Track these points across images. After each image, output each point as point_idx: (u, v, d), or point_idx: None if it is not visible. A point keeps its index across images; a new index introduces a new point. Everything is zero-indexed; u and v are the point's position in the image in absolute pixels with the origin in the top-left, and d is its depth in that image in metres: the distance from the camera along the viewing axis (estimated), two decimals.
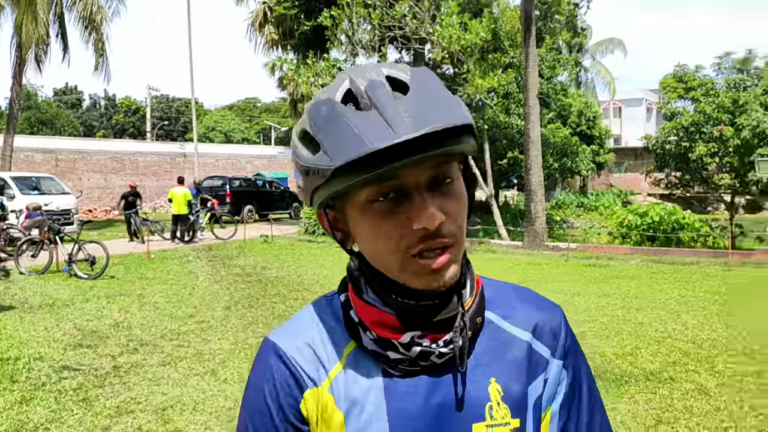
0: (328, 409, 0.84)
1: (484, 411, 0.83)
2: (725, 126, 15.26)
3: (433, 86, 0.76)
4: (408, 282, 0.80)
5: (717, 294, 9.24)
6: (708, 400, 4.80)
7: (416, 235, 0.76)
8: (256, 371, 0.89)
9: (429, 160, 0.74)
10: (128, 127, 61.20)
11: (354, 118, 0.72)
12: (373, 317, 0.84)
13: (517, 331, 0.89)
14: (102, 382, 5.30)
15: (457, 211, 0.79)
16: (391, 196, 0.76)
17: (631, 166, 39.79)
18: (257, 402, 0.87)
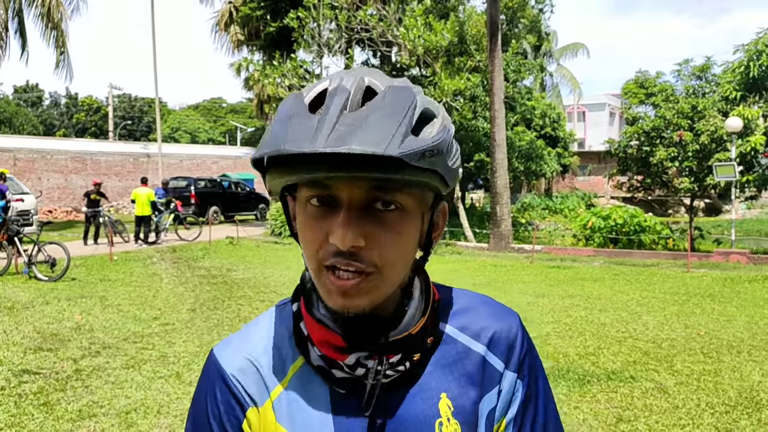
0: (271, 428, 0.83)
1: (433, 427, 0.82)
2: (684, 131, 15.65)
3: (393, 106, 0.71)
4: (323, 297, 0.78)
5: (676, 295, 9.47)
6: (667, 398, 4.93)
7: (331, 248, 0.74)
8: (199, 388, 0.88)
9: (363, 180, 0.72)
10: (90, 127, 60.00)
11: (297, 119, 0.71)
12: (320, 336, 0.82)
13: (472, 344, 0.88)
14: (63, 385, 5.19)
15: (388, 242, 0.75)
16: (327, 203, 0.75)
17: (595, 169, 40.50)
18: (200, 419, 0.86)
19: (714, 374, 5.52)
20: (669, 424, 4.39)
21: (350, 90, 0.72)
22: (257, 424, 0.84)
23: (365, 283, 0.75)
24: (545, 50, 34.64)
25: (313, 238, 0.76)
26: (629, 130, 17.26)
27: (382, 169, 0.68)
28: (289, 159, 0.69)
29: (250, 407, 0.84)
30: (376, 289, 0.76)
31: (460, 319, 0.90)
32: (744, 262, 12.92)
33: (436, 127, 0.74)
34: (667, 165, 16.09)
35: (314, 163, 0.68)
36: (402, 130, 0.69)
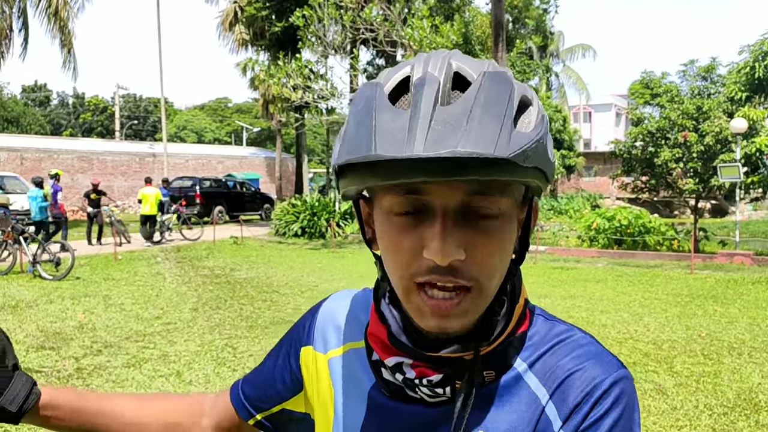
0: (326, 379, 0.86)
1: None
2: (689, 132, 15.59)
3: (494, 99, 0.62)
4: (414, 317, 0.69)
5: (679, 296, 9.45)
6: (665, 399, 4.93)
7: (425, 264, 0.65)
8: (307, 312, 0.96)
9: (460, 184, 0.64)
10: (96, 126, 60.28)
11: (383, 116, 0.62)
12: (372, 327, 0.78)
13: (536, 388, 0.72)
14: (64, 384, 5.23)
15: (489, 252, 0.66)
16: (416, 212, 0.66)
17: (601, 170, 40.35)
18: (284, 335, 0.96)
19: (713, 376, 5.52)
20: (666, 425, 4.39)
21: (440, 79, 0.63)
22: (309, 362, 0.88)
23: (464, 302, 0.66)
24: (551, 50, 34.61)
25: (404, 251, 0.67)
26: (634, 130, 17.20)
27: (487, 171, 0.60)
28: (377, 164, 0.60)
29: (308, 344, 0.89)
30: (475, 307, 0.68)
31: (535, 354, 0.75)
32: (748, 264, 12.87)
33: (534, 116, 0.66)
34: (671, 166, 16.01)
35: (410, 168, 0.59)
36: (508, 126, 0.61)
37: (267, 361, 0.95)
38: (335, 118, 24.63)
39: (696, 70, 16.84)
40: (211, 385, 5.25)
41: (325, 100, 17.87)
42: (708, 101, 15.78)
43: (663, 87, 17.05)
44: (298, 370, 0.89)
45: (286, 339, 0.94)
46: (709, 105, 15.55)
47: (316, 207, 20.09)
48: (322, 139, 52.37)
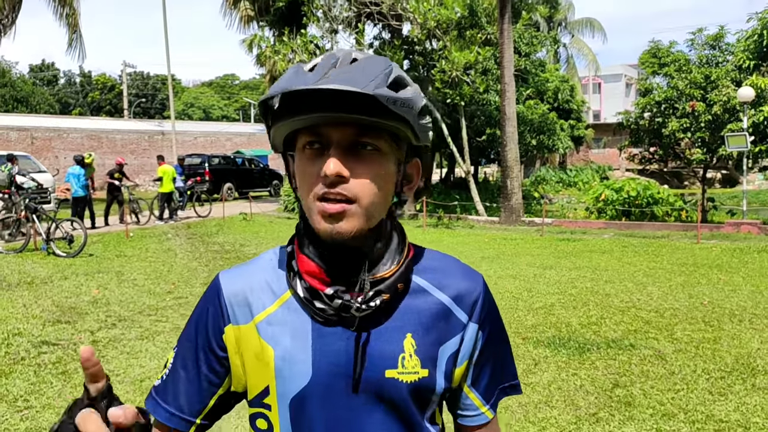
0: (256, 344, 0.98)
1: (396, 360, 0.97)
2: (697, 102, 15.49)
3: (372, 66, 0.89)
4: (314, 223, 0.92)
5: (684, 266, 9.53)
6: (664, 365, 5.05)
7: (321, 182, 0.89)
8: (200, 301, 1.06)
9: (350, 125, 0.89)
10: (104, 105, 60.36)
11: (295, 74, 0.89)
12: (307, 267, 0.97)
13: (439, 295, 1.02)
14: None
15: (370, 177, 0.91)
16: (316, 147, 0.91)
17: (610, 141, 40.08)
18: (190, 321, 1.05)
19: (713, 342, 5.62)
20: (663, 389, 4.51)
21: (339, 56, 0.91)
22: (233, 339, 1.00)
23: (348, 211, 0.90)
24: (559, 20, 34.19)
25: (308, 174, 0.92)
26: (642, 101, 17.11)
27: (363, 111, 0.85)
28: (291, 103, 0.87)
29: (229, 323, 1.01)
30: (358, 217, 0.91)
31: (430, 274, 1.04)
32: (755, 233, 12.89)
33: (409, 91, 0.90)
34: (679, 136, 15.96)
35: (309, 105, 0.85)
36: (378, 81, 0.86)
37: (180, 371, 1.02)
38: None
39: (704, 39, 16.67)
40: None
41: None
42: (716, 70, 15.67)
43: (671, 56, 16.92)
44: (225, 354, 1.01)
45: (195, 342, 1.02)
46: (717, 74, 15.44)
47: None
48: None
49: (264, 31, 22.61)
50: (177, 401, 1.01)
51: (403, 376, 0.97)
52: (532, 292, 7.75)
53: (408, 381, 0.97)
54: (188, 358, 1.02)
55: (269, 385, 0.98)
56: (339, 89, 0.82)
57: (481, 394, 1.07)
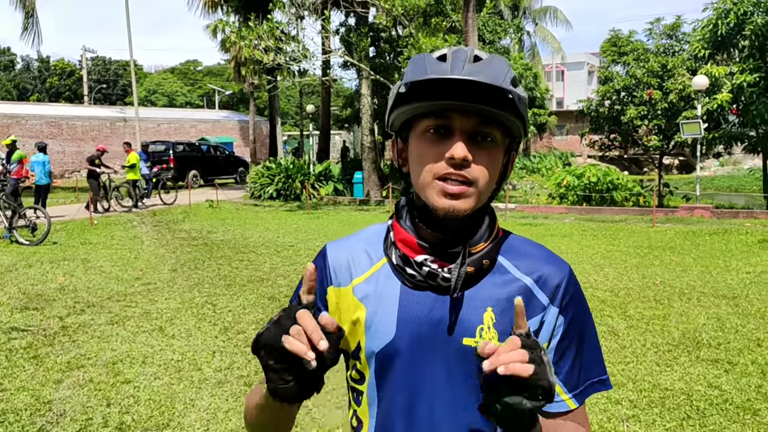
0: (352, 304, 1.09)
1: (475, 331, 1.03)
2: (654, 90, 15.96)
3: (499, 64, 0.98)
4: (431, 200, 1.00)
5: (639, 248, 9.92)
6: (617, 339, 5.34)
7: (444, 163, 0.98)
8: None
9: (475, 115, 0.97)
10: (64, 91, 58.91)
11: (431, 62, 0.98)
12: (401, 236, 1.07)
13: (522, 277, 1.07)
14: (51, 341, 5.48)
15: (486, 165, 1.00)
16: (441, 132, 0.99)
17: (572, 128, 40.79)
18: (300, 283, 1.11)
19: (663, 318, 5.95)
20: (615, 361, 4.80)
21: (467, 52, 1.00)
22: (334, 300, 1.11)
23: (467, 192, 0.99)
24: (523, 8, 34.57)
25: (430, 155, 1.00)
26: (602, 89, 17.54)
27: (492, 103, 0.94)
28: (428, 87, 0.95)
29: (331, 285, 1.12)
30: (473, 198, 1.00)
31: (516, 257, 1.10)
32: (708, 217, 13.41)
33: (521, 89, 1.01)
34: (637, 123, 16.43)
35: (443, 92, 0.95)
36: (509, 78, 0.98)
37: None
38: (308, 80, 24.55)
39: (662, 29, 17.13)
40: (192, 339, 5.54)
41: (297, 62, 17.84)
42: (672, 59, 16.14)
43: (630, 45, 17.35)
44: (324, 311, 1.10)
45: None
46: (673, 63, 15.91)
47: (290, 169, 20.22)
48: (296, 102, 51.93)
49: (229, 17, 22.42)
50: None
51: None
52: None
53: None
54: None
55: (360, 340, 1.08)
56: (481, 82, 0.92)
57: (562, 380, 1.08)
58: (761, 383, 4.31)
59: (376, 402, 1.08)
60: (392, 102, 1.02)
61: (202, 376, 4.63)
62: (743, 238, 10.67)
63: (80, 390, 4.36)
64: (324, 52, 20.68)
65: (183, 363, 4.90)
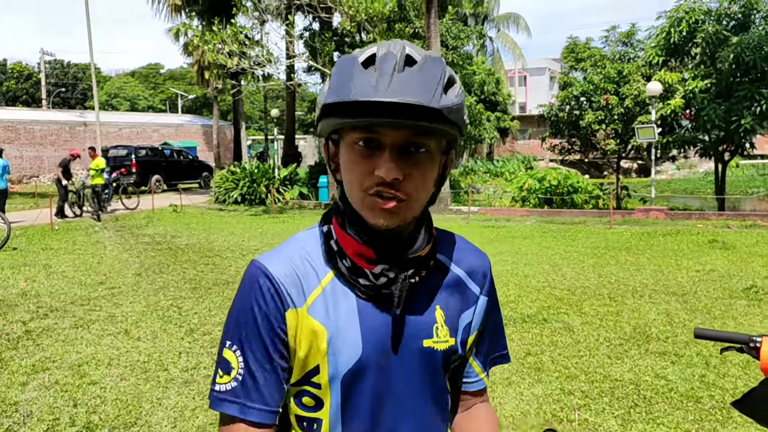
0: (309, 326, 1.01)
1: (432, 330, 1.06)
2: (610, 95, 16.45)
3: (432, 72, 0.93)
4: (365, 216, 0.98)
5: (596, 249, 10.24)
6: (572, 335, 5.57)
7: (375, 180, 0.95)
8: (244, 288, 1.03)
9: (406, 128, 0.93)
10: (21, 95, 57.58)
11: (357, 73, 0.92)
12: (354, 249, 1.02)
13: (455, 269, 1.12)
14: (15, 345, 5.47)
15: (418, 178, 0.97)
16: (372, 145, 0.95)
17: (534, 133, 41.52)
18: (245, 314, 1.02)
19: (615, 314, 6.20)
20: (569, 355, 5.02)
21: (397, 56, 0.93)
22: (294, 324, 1.01)
23: (401, 207, 0.96)
24: (485, 13, 35.09)
25: (360, 171, 0.96)
26: (561, 94, 18.00)
27: (424, 119, 0.90)
28: (352, 105, 0.90)
29: (290, 308, 1.01)
30: (406, 213, 0.98)
31: (449, 251, 1.14)
32: (662, 218, 13.87)
33: (457, 89, 0.96)
34: (595, 128, 16.91)
35: (374, 109, 0.89)
36: (440, 90, 0.92)
37: (255, 366, 1.00)
38: (272, 84, 24.54)
39: (618, 36, 17.67)
40: (158, 341, 5.58)
41: (261, 66, 17.86)
42: (628, 66, 16.65)
43: (588, 52, 17.83)
44: (287, 338, 1.02)
45: (259, 332, 1.01)
46: (628, 69, 16.42)
47: (255, 174, 20.21)
48: (260, 106, 51.71)
49: (192, 21, 22.30)
50: (263, 397, 1.00)
51: (438, 344, 1.06)
52: None
53: (441, 349, 1.07)
54: (257, 350, 1.00)
55: (320, 364, 1.01)
56: (407, 103, 0.88)
57: (481, 361, 1.18)
58: (704, 373, 4.57)
59: (340, 427, 1.04)
60: (319, 113, 0.98)
61: (168, 376, 4.70)
62: (695, 238, 11.10)
63: (46, 392, 4.39)
64: (288, 57, 20.73)
65: (149, 364, 4.95)
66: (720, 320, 5.92)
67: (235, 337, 1.02)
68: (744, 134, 14.98)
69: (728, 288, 7.23)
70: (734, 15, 15.32)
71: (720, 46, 14.82)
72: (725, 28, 15.02)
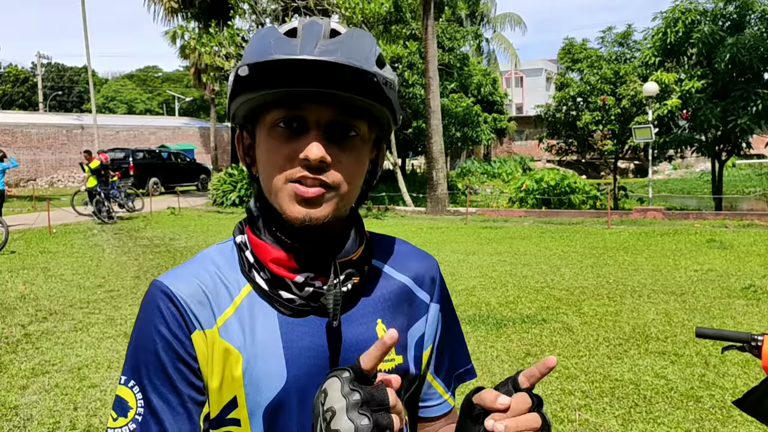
0: (222, 350, 0.84)
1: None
2: (607, 96, 16.49)
3: (361, 40, 0.80)
4: (284, 207, 0.82)
5: (594, 249, 10.26)
6: (571, 335, 5.58)
7: (299, 164, 0.80)
8: (144, 311, 0.86)
9: (332, 103, 0.79)
10: (17, 98, 57.53)
11: (277, 39, 0.78)
12: (272, 256, 0.86)
13: (400, 277, 0.97)
14: (14, 348, 5.46)
15: (348, 165, 0.82)
16: (294, 126, 0.80)
17: (531, 133, 41.55)
18: (146, 340, 0.84)
19: (615, 315, 6.22)
20: (569, 355, 5.03)
21: (322, 25, 0.80)
22: (203, 346, 0.84)
23: (327, 195, 0.81)
24: (481, 14, 35.15)
25: (280, 155, 0.81)
26: (558, 95, 18.04)
27: (354, 90, 0.76)
28: (273, 71, 0.75)
29: (196, 329, 0.84)
30: (336, 203, 0.82)
31: (386, 257, 0.99)
32: (660, 218, 13.90)
33: (389, 68, 0.84)
34: (592, 128, 16.95)
35: (292, 77, 0.74)
36: (373, 56, 0.80)
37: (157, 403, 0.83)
38: None
39: (614, 37, 17.71)
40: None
41: None
42: (624, 66, 16.70)
43: (584, 53, 17.88)
44: (197, 365, 0.85)
45: (161, 362, 0.83)
46: (625, 70, 16.47)
47: None
48: None
49: (189, 23, 22.31)
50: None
51: (381, 364, 0.86)
52: (455, 276, 8.22)
53: (386, 369, 0.90)
54: (161, 384, 0.83)
55: (236, 395, 0.84)
56: (337, 63, 0.74)
57: (443, 380, 1.02)
58: (704, 373, 4.58)
59: None
60: (232, 88, 0.81)
61: None
62: (692, 238, 11.13)
63: (46, 395, 4.39)
64: None
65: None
66: (719, 320, 5.94)
67: (132, 370, 0.85)
68: (740, 134, 15.04)
69: (726, 287, 7.25)
70: (730, 15, 15.37)
71: (716, 46, 14.87)
72: (721, 28, 15.07)
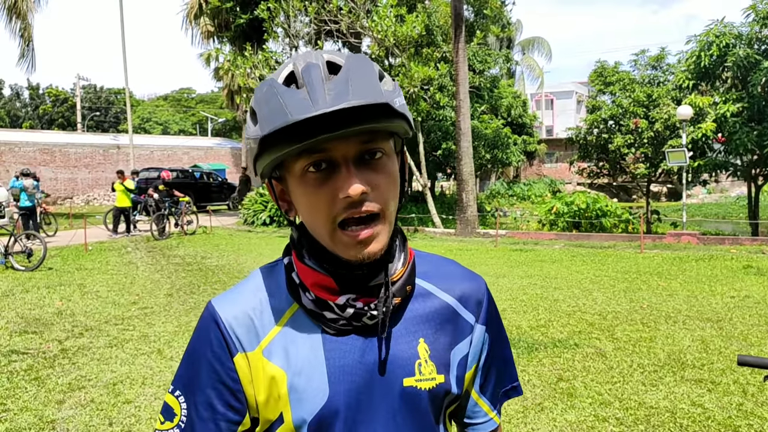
0: (266, 371, 0.90)
1: (413, 367, 0.93)
2: (640, 119, 16.35)
3: (362, 69, 0.82)
4: (339, 253, 0.87)
5: (627, 273, 10.12)
6: (604, 360, 5.50)
7: (342, 204, 0.83)
8: (197, 330, 0.95)
9: (355, 136, 0.82)
10: (57, 118, 59.14)
11: (285, 94, 0.80)
12: (314, 280, 0.91)
13: (445, 297, 0.99)
14: (51, 363, 5.58)
15: (385, 185, 0.86)
16: (323, 167, 0.83)
17: (562, 156, 41.35)
18: (193, 358, 0.93)
19: (649, 340, 6.12)
20: (602, 381, 4.95)
21: (319, 64, 0.82)
22: (246, 368, 0.91)
23: (376, 228, 0.85)
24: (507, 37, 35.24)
25: (321, 202, 0.84)
26: (589, 117, 17.93)
27: (377, 119, 0.80)
28: (293, 128, 0.77)
29: (239, 352, 0.91)
30: (384, 233, 0.87)
31: (432, 276, 1.01)
32: (694, 243, 13.66)
33: (389, 81, 0.86)
34: (624, 151, 16.79)
35: (316, 126, 0.77)
36: (378, 84, 0.82)
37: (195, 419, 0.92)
38: None
39: (647, 60, 17.60)
40: None
41: None
42: (657, 89, 16.56)
43: (616, 76, 17.78)
44: (239, 387, 0.92)
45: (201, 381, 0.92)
46: (658, 93, 16.32)
47: None
48: None
49: (225, 46, 22.80)
50: None
51: (422, 383, 0.93)
52: None
53: (426, 388, 0.93)
54: (200, 401, 0.91)
55: (282, 412, 0.90)
56: (358, 106, 0.77)
57: (489, 399, 1.04)
58: (742, 401, 4.47)
59: None
60: (256, 151, 0.85)
61: None
62: (728, 263, 10.91)
63: (83, 410, 4.47)
64: None
65: None
66: (757, 347, 5.80)
67: (179, 381, 0.94)
68: None
69: (765, 315, 7.08)
70: (765, 39, 15.18)
71: (751, 69, 14.67)
72: (756, 51, 14.87)
